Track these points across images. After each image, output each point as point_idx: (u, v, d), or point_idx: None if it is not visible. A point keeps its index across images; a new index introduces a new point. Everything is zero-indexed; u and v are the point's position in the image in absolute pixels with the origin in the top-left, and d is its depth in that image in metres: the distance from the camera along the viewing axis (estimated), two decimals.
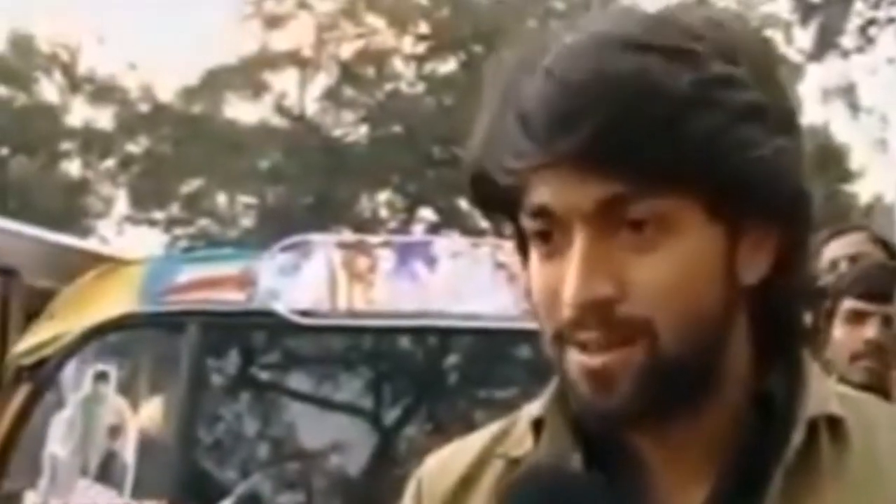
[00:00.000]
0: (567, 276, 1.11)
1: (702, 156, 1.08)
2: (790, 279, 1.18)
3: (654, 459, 1.18)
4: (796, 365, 1.20)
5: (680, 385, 1.13)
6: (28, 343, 4.06)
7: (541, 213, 1.13)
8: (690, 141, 1.08)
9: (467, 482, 1.25)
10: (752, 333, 1.18)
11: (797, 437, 1.15)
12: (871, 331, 2.81)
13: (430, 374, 4.50)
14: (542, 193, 1.12)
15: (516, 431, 1.25)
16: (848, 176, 26.66)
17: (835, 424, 1.17)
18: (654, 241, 1.10)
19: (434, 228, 25.67)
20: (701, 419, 1.17)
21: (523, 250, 1.19)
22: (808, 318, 1.25)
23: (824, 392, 1.19)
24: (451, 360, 4.53)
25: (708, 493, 1.16)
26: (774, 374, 1.19)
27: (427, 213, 28.29)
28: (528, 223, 1.14)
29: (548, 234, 1.13)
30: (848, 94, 23.94)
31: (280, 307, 3.95)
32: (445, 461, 1.29)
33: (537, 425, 1.21)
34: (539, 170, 1.10)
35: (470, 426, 1.34)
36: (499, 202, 1.17)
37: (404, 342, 4.43)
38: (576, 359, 1.13)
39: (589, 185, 1.09)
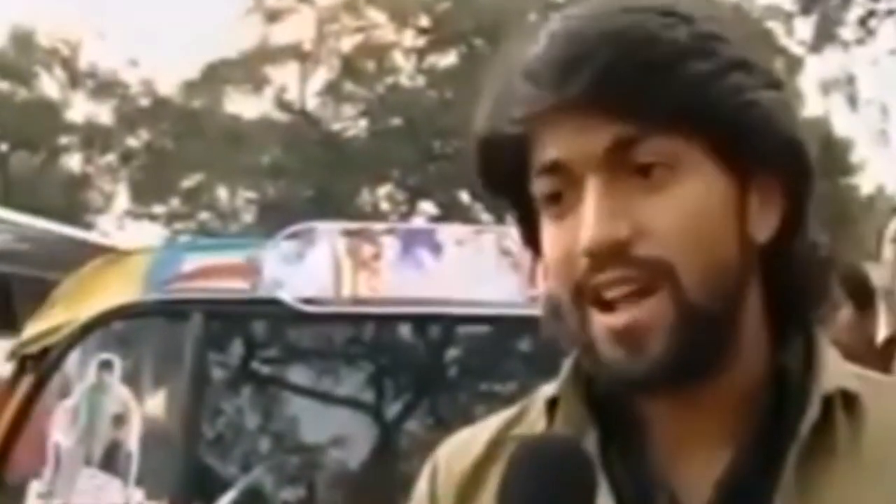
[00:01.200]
0: (583, 223, 1.12)
1: (700, 97, 1.13)
2: (798, 244, 1.19)
3: (669, 436, 1.18)
4: (810, 341, 1.20)
5: (707, 341, 1.13)
6: (32, 332, 4.05)
7: (552, 169, 1.15)
8: (689, 83, 1.12)
9: (483, 464, 1.25)
10: (766, 303, 1.19)
11: (812, 412, 1.14)
12: None
13: (436, 363, 4.49)
14: (551, 149, 1.14)
15: (531, 413, 1.26)
16: (849, 168, 26.68)
17: (850, 401, 1.16)
18: (663, 185, 1.13)
19: (435, 222, 25.71)
20: (718, 391, 1.17)
21: (529, 236, 1.21)
22: (823, 291, 1.24)
23: (839, 369, 1.19)
24: (458, 347, 4.52)
25: (723, 470, 1.16)
26: (789, 350, 1.19)
27: (428, 207, 28.33)
28: (540, 185, 1.16)
29: (558, 195, 1.15)
30: (848, 85, 23.97)
31: (284, 295, 3.94)
32: (461, 444, 1.29)
33: (551, 405, 1.21)
34: (546, 119, 1.13)
35: (477, 416, 1.34)
36: (506, 174, 1.18)
37: (409, 330, 4.42)
38: (601, 320, 1.13)
39: (596, 129, 1.12)
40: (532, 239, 1.21)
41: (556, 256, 1.16)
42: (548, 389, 1.24)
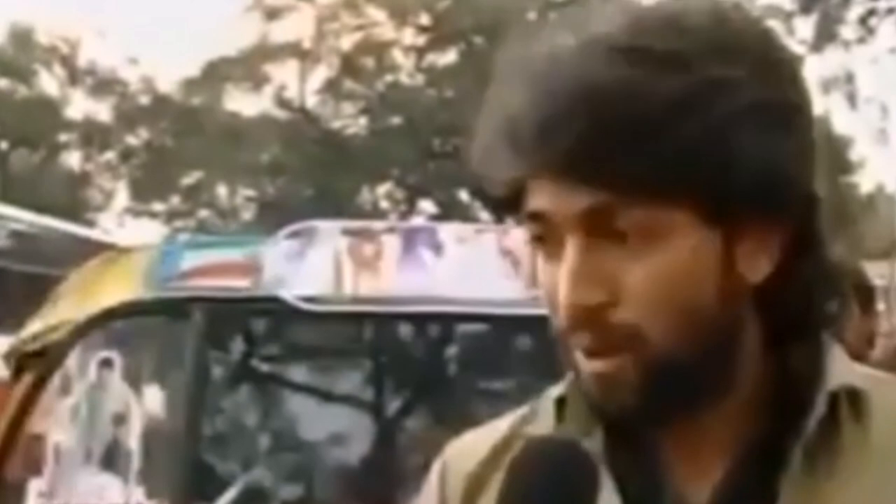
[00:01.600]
0: (560, 283, 1.11)
1: (690, 163, 1.06)
2: (801, 272, 1.16)
3: (674, 437, 1.18)
4: (815, 345, 1.19)
5: (686, 388, 1.13)
6: (32, 330, 4.04)
7: (536, 217, 1.13)
8: (678, 148, 1.06)
9: (491, 463, 1.25)
10: (764, 323, 1.17)
11: (818, 409, 1.14)
12: None
13: (436, 362, 4.49)
14: (536, 199, 1.12)
15: (541, 412, 1.25)
16: (849, 166, 26.69)
17: (856, 399, 1.16)
18: (643, 248, 1.09)
19: (434, 220, 25.71)
20: (719, 409, 1.16)
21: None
22: (830, 305, 1.22)
23: (846, 367, 1.19)
24: (458, 345, 4.52)
25: (727, 468, 1.16)
26: (796, 353, 1.18)
27: (427, 205, 28.33)
28: (527, 226, 1.15)
29: (545, 239, 1.14)
30: (848, 84, 23.96)
31: (285, 293, 3.93)
32: (470, 444, 1.29)
33: (559, 404, 1.22)
34: (529, 178, 1.11)
35: (476, 414, 1.34)
36: (505, 204, 1.17)
37: (410, 328, 4.42)
38: (581, 361, 1.14)
39: (576, 193, 1.09)
40: None
41: (545, 295, 1.15)
42: (556, 389, 1.23)
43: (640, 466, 1.18)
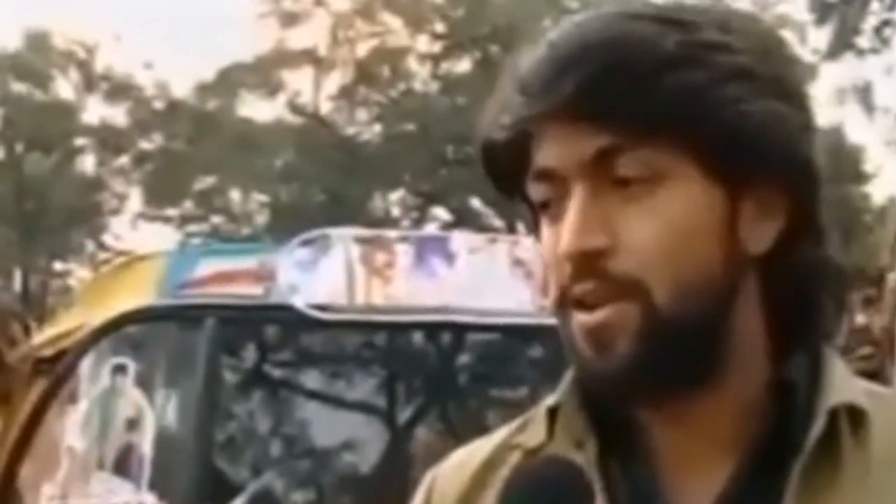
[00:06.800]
0: (563, 231, 1.13)
1: (687, 109, 1.12)
2: (801, 254, 1.17)
3: (669, 447, 1.18)
4: (817, 355, 1.19)
5: (680, 350, 1.13)
6: (47, 335, 4.07)
7: (542, 175, 1.16)
8: (675, 94, 1.11)
9: (484, 474, 1.25)
10: (765, 313, 1.17)
11: (818, 427, 1.13)
12: None
13: (447, 370, 4.50)
14: (541, 155, 1.15)
15: (534, 423, 1.25)
16: (862, 177, 26.59)
17: (857, 416, 1.15)
18: (642, 198, 1.12)
19: (447, 227, 25.69)
20: (715, 403, 1.16)
21: (537, 226, 1.21)
22: (828, 303, 1.21)
23: (846, 384, 1.18)
24: (468, 354, 4.53)
25: (724, 484, 1.16)
26: (795, 363, 1.18)
27: (440, 212, 28.31)
28: (534, 191, 1.17)
29: (551, 200, 1.16)
30: (863, 94, 23.90)
31: (298, 301, 3.95)
32: (463, 457, 1.29)
33: (552, 414, 1.21)
34: (536, 127, 1.14)
35: (487, 422, 1.35)
36: (508, 176, 1.19)
37: (421, 337, 4.44)
38: (577, 319, 1.14)
39: (581, 139, 1.13)
40: (538, 227, 1.21)
41: (547, 259, 1.17)
42: (549, 399, 1.23)
43: (632, 479, 1.17)
